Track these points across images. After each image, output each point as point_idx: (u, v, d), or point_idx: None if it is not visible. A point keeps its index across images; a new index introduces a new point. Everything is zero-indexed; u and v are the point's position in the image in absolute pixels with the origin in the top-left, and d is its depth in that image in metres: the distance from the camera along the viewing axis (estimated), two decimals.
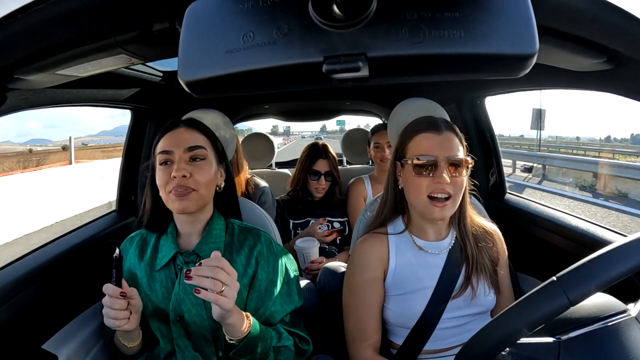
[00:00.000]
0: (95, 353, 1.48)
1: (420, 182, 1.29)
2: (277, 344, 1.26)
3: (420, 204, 1.30)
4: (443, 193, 1.27)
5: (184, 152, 1.27)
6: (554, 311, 0.67)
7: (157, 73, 1.86)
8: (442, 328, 1.36)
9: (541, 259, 1.79)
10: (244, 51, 0.51)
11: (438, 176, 1.26)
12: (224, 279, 1.07)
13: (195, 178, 1.26)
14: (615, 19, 0.73)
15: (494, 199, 2.24)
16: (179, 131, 1.32)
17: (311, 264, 2.28)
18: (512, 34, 0.49)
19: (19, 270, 1.40)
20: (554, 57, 0.94)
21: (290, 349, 1.30)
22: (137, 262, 1.36)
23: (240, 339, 1.15)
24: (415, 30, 0.49)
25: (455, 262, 1.39)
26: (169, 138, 1.30)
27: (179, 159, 1.26)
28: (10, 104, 1.17)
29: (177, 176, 1.23)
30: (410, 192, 1.34)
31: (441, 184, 1.26)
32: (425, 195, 1.28)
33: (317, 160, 2.69)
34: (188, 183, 1.24)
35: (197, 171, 1.27)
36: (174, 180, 1.24)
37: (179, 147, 1.27)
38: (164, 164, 1.28)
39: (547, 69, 1.10)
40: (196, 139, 1.32)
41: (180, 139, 1.30)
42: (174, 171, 1.23)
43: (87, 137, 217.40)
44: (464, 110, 2.30)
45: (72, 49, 0.93)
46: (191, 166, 1.27)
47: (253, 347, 1.19)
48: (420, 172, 1.29)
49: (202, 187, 1.28)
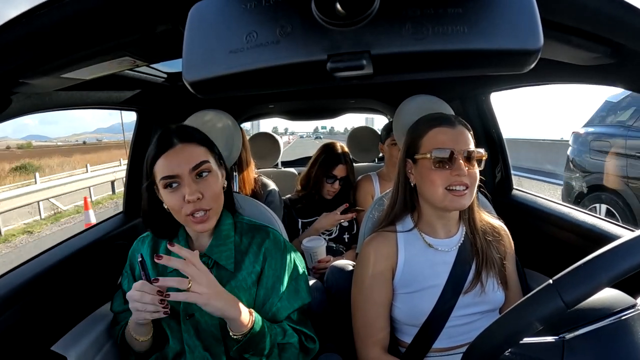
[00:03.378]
0: (105, 354, 1.49)
1: (439, 176, 1.29)
2: (281, 340, 1.27)
3: (439, 196, 1.30)
4: (461, 185, 1.27)
5: (189, 173, 1.23)
6: (549, 315, 0.66)
7: (161, 74, 1.86)
8: (451, 326, 1.36)
9: (549, 255, 1.78)
10: (248, 51, 0.51)
11: (456, 168, 1.27)
12: (192, 273, 1.10)
13: (207, 196, 1.24)
14: (619, 12, 0.73)
15: (501, 196, 2.23)
16: (176, 150, 1.26)
17: (318, 263, 2.28)
18: (516, 29, 0.49)
19: (29, 272, 1.41)
20: (558, 51, 0.93)
21: (295, 346, 1.30)
22: (150, 263, 1.36)
23: (244, 334, 1.17)
24: (418, 26, 0.49)
25: (465, 259, 1.39)
26: (169, 160, 1.25)
27: (188, 182, 1.23)
28: (16, 108, 1.17)
29: (192, 200, 1.21)
30: (427, 186, 1.33)
31: (460, 176, 1.26)
32: (443, 188, 1.28)
33: (338, 166, 2.64)
34: (203, 204, 1.23)
35: (206, 188, 1.25)
36: (189, 204, 1.22)
37: (183, 168, 1.23)
38: (169, 187, 1.24)
39: (551, 64, 1.09)
40: (198, 154, 1.27)
41: (182, 159, 1.24)
42: (188, 195, 1.20)
43: (83, 134, 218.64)
44: (469, 107, 2.29)
45: (76, 53, 0.93)
46: (200, 184, 1.24)
47: (257, 343, 1.20)
48: (438, 165, 1.29)
49: (215, 202, 1.27)
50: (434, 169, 1.30)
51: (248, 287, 1.31)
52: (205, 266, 1.15)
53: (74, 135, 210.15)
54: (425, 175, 1.33)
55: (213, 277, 1.16)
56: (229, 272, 1.31)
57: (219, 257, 1.31)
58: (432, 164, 1.30)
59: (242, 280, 1.31)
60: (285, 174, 3.58)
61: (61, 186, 12.73)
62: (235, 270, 1.31)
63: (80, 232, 1.88)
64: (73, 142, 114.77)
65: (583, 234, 1.60)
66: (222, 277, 1.30)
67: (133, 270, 1.41)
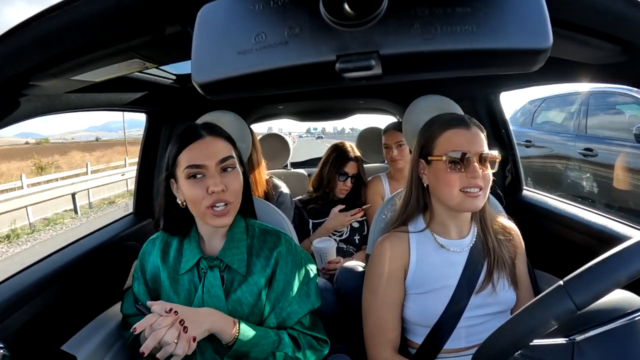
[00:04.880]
0: (114, 354, 1.50)
1: (454, 178, 1.28)
2: (275, 349, 1.26)
3: (454, 198, 1.30)
4: (476, 187, 1.27)
5: (216, 165, 1.24)
6: (559, 316, 0.66)
7: (170, 76, 1.87)
8: (462, 327, 1.36)
9: (559, 256, 1.77)
10: (257, 52, 0.51)
11: (471, 171, 1.26)
12: (164, 323, 1.10)
13: (230, 190, 1.24)
14: (628, 9, 0.72)
15: (511, 196, 2.22)
16: (205, 141, 1.27)
17: (328, 264, 2.28)
18: (525, 27, 0.48)
19: (39, 273, 1.42)
20: (568, 50, 0.93)
21: (290, 355, 1.29)
22: (160, 265, 1.37)
23: (230, 344, 1.19)
24: (427, 26, 0.49)
25: (477, 259, 1.39)
26: (197, 150, 1.26)
27: (213, 173, 1.24)
28: (26, 110, 1.18)
29: (217, 191, 1.21)
30: (442, 187, 1.33)
31: (475, 179, 1.26)
32: (458, 190, 1.28)
33: (348, 163, 2.69)
34: (225, 197, 1.23)
35: (230, 182, 1.25)
36: (212, 196, 1.22)
37: (211, 160, 1.24)
38: (192, 178, 1.24)
39: (560, 63, 1.08)
40: (225, 148, 1.29)
41: (210, 150, 1.26)
42: (212, 186, 1.21)
43: (76, 132, 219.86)
44: (479, 107, 2.28)
45: (86, 55, 0.94)
46: (224, 177, 1.25)
47: (246, 352, 1.21)
48: (454, 167, 1.29)
49: (236, 198, 1.28)
50: (449, 170, 1.29)
51: (259, 290, 1.31)
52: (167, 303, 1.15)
53: (68, 133, 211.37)
54: (440, 177, 1.33)
55: (182, 307, 1.17)
56: (240, 275, 1.31)
57: (232, 260, 1.31)
58: (447, 166, 1.29)
59: (254, 284, 1.31)
60: (295, 175, 3.58)
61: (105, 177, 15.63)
62: (246, 274, 1.31)
63: (90, 233, 1.89)
64: (69, 140, 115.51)
65: (594, 235, 1.58)
66: (234, 280, 1.31)
67: (144, 272, 1.41)
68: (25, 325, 1.30)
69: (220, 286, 1.29)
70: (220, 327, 1.17)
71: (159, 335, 1.06)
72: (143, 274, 1.41)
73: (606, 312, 0.71)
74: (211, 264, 1.32)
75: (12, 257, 8.38)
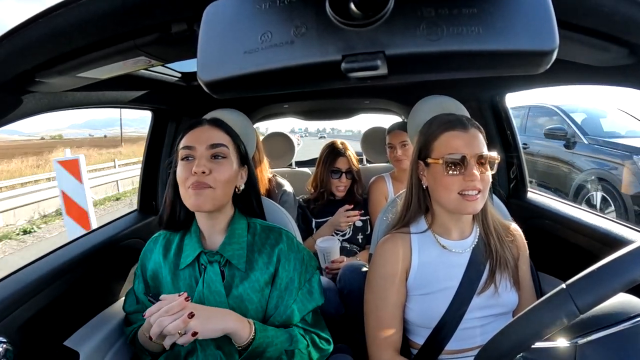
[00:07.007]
0: (116, 350, 1.51)
1: (451, 181, 1.28)
2: (289, 347, 1.27)
3: (452, 202, 1.29)
4: (474, 190, 1.26)
5: (206, 149, 1.28)
6: (561, 320, 0.66)
7: (176, 74, 1.87)
8: (464, 328, 1.35)
9: (563, 258, 1.76)
10: (262, 51, 0.51)
11: (469, 174, 1.26)
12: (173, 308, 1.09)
13: (214, 176, 1.26)
14: (636, 12, 0.72)
15: (516, 198, 2.21)
16: (202, 129, 1.33)
17: (332, 263, 2.28)
18: (531, 29, 0.48)
19: (42, 269, 1.43)
20: (574, 52, 0.92)
21: (303, 351, 1.29)
22: (162, 261, 1.37)
23: (246, 346, 1.18)
24: (433, 27, 0.49)
25: (479, 260, 1.38)
26: (192, 134, 1.31)
27: (201, 155, 1.27)
28: (31, 107, 1.19)
29: (197, 172, 1.23)
30: (440, 191, 1.33)
31: (473, 182, 1.25)
32: (456, 193, 1.28)
33: (338, 158, 2.70)
34: (206, 180, 1.25)
35: (216, 169, 1.27)
36: (193, 176, 1.24)
37: (201, 144, 1.28)
38: (185, 160, 1.28)
39: (567, 65, 1.08)
40: (219, 137, 1.33)
41: (203, 135, 1.30)
42: (195, 167, 1.23)
43: (58, 130, 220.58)
44: (484, 108, 2.27)
45: (92, 53, 0.94)
46: (212, 163, 1.27)
47: (260, 353, 1.21)
48: (451, 170, 1.28)
49: (219, 186, 1.27)
50: (446, 174, 1.29)
51: (261, 288, 1.31)
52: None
53: (50, 131, 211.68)
54: (438, 180, 1.32)
55: (194, 304, 1.16)
56: (242, 272, 1.31)
57: (232, 255, 1.31)
58: (444, 169, 1.29)
59: (255, 281, 1.31)
60: (299, 174, 3.59)
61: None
62: (248, 271, 1.32)
63: (95, 229, 1.89)
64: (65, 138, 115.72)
65: (598, 238, 1.58)
66: (235, 277, 1.31)
67: (144, 270, 1.42)
68: (29, 320, 1.30)
69: (220, 281, 1.29)
70: (235, 329, 1.17)
71: (164, 323, 1.06)
72: (143, 273, 1.42)
73: (609, 316, 0.71)
74: (211, 259, 1.33)
75: None
